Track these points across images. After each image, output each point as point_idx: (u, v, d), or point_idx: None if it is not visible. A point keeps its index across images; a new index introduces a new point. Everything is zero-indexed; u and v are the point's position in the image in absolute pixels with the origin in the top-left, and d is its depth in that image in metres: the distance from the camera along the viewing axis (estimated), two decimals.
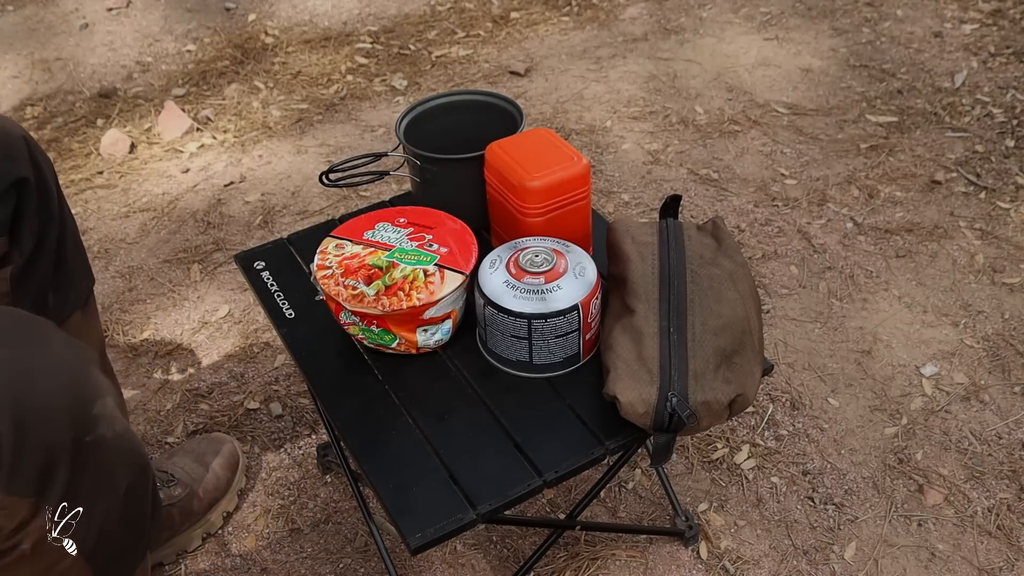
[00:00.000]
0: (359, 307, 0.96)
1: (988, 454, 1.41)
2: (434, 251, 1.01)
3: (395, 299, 0.95)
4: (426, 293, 0.96)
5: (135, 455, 0.84)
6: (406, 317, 0.97)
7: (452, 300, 0.98)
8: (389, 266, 0.99)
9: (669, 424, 0.88)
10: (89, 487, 0.77)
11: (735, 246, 1.00)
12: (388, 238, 1.03)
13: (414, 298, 0.95)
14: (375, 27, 2.69)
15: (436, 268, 0.98)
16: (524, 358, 0.97)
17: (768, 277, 1.75)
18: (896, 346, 1.60)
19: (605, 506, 1.36)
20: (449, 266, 0.99)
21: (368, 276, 0.98)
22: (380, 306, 0.95)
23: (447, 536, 0.86)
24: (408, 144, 1.16)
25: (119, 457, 0.80)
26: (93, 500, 0.78)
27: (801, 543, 1.30)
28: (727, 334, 0.91)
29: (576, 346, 0.97)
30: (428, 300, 0.96)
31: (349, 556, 1.31)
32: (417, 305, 0.95)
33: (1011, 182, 1.96)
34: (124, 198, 2.06)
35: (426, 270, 0.98)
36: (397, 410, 0.97)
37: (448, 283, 0.97)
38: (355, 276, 0.98)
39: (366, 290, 0.96)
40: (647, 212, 1.92)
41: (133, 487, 0.83)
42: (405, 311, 0.95)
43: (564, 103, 2.30)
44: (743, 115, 2.22)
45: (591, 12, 2.73)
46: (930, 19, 2.57)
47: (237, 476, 1.37)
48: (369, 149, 2.16)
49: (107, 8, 2.80)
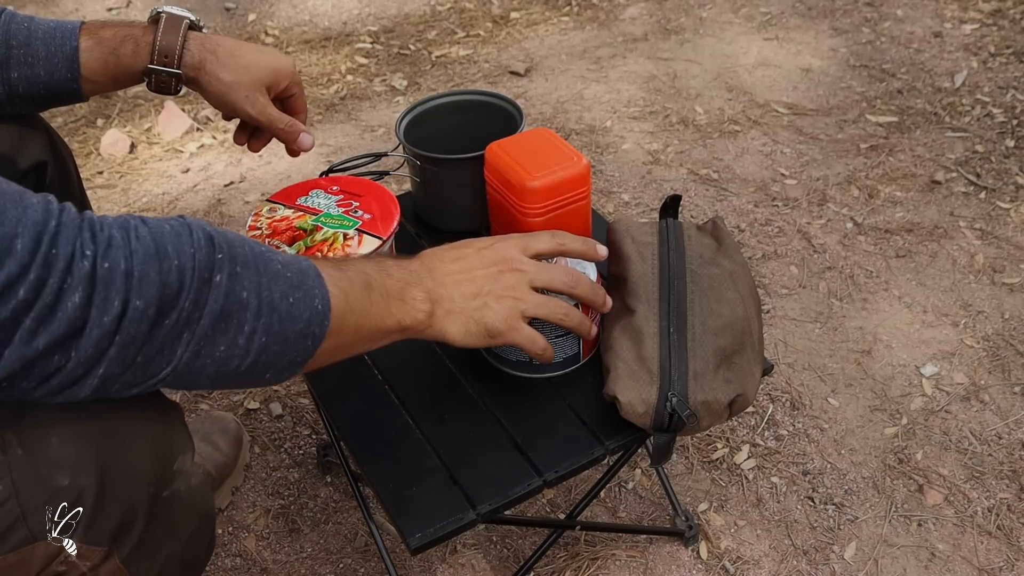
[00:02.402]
0: None
1: (988, 454, 1.41)
2: (358, 217, 1.06)
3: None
4: (342, 255, 1.01)
5: (204, 506, 0.87)
6: None
7: None
8: (313, 229, 1.05)
9: (669, 424, 0.88)
10: (158, 536, 0.79)
11: (735, 246, 1.00)
12: (318, 204, 1.09)
13: None
14: (375, 27, 2.69)
15: (356, 232, 1.04)
16: (524, 358, 0.97)
17: (768, 277, 1.75)
18: (896, 346, 1.60)
19: (605, 506, 1.36)
20: (368, 231, 1.04)
21: (292, 237, 1.04)
22: None
23: (447, 536, 0.86)
24: (408, 144, 1.16)
25: (189, 508, 0.83)
26: (159, 547, 0.80)
27: (801, 543, 1.30)
28: (727, 334, 0.91)
29: (576, 346, 0.97)
30: None
31: (349, 556, 1.31)
32: None
33: (1011, 182, 1.96)
34: (124, 198, 2.06)
35: (346, 234, 1.03)
36: (397, 410, 0.97)
37: (365, 246, 1.02)
38: (280, 237, 1.04)
39: (288, 249, 1.02)
40: (647, 212, 1.92)
41: (196, 534, 0.85)
42: None
43: (564, 103, 2.30)
44: (743, 115, 2.22)
45: (591, 12, 2.73)
46: (930, 19, 2.57)
47: (242, 452, 1.40)
48: (369, 149, 2.16)
49: (107, 8, 2.80)
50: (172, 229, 0.66)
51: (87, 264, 0.60)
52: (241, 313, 0.67)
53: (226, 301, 0.66)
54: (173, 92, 1.03)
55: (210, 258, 0.66)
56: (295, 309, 0.70)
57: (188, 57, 1.00)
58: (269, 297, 0.69)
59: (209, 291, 0.66)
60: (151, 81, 1.01)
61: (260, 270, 0.69)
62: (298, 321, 0.70)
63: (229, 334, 0.67)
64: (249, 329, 0.68)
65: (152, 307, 0.63)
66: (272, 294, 0.69)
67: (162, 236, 0.65)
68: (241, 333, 0.68)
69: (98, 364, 0.63)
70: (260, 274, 0.69)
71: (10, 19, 0.98)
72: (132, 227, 0.64)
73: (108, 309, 0.61)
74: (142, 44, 0.99)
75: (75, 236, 0.61)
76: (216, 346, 0.67)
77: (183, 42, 0.99)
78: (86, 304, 0.60)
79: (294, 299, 0.70)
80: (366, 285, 0.77)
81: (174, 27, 0.99)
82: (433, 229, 1.21)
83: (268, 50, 1.06)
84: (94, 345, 0.61)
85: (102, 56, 0.99)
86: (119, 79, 1.02)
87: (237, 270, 0.67)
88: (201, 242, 0.66)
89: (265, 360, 0.70)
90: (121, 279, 0.62)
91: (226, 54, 1.01)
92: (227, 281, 0.66)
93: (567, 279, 0.88)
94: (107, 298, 0.61)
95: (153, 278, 0.62)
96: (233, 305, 0.67)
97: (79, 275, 0.60)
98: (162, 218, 0.68)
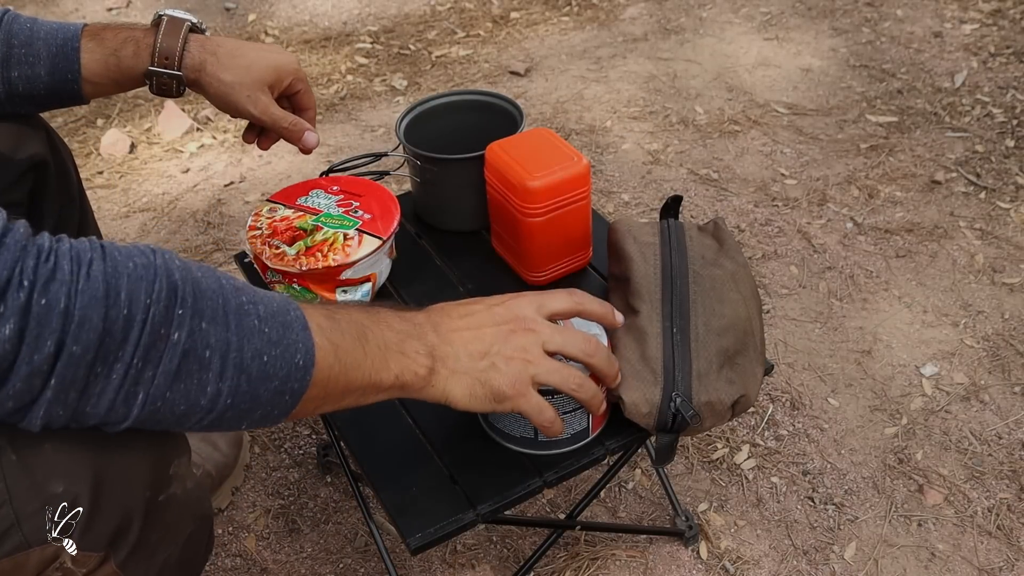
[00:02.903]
0: (280, 265, 1.02)
1: (988, 454, 1.41)
2: (358, 217, 1.06)
3: (312, 259, 1.01)
4: (342, 255, 1.01)
5: (201, 508, 0.86)
6: (324, 277, 1.02)
7: (369, 263, 1.03)
8: (313, 229, 1.05)
9: (672, 424, 0.88)
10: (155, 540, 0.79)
11: (736, 247, 1.00)
12: (318, 204, 1.09)
13: (330, 259, 1.01)
14: (375, 27, 2.69)
15: (356, 232, 1.04)
16: (528, 434, 0.90)
17: (768, 277, 1.75)
18: (896, 346, 1.60)
19: (605, 506, 1.36)
20: (368, 231, 1.04)
21: (292, 237, 1.04)
22: (298, 265, 1.01)
23: (447, 536, 0.86)
24: (408, 144, 1.16)
25: (186, 511, 0.83)
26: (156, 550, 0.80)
27: (801, 543, 1.30)
28: (730, 335, 0.91)
29: (585, 421, 0.90)
30: (344, 262, 1.01)
31: (349, 556, 1.31)
32: (333, 266, 1.01)
33: (1011, 182, 1.96)
34: (124, 198, 2.06)
35: (346, 234, 1.04)
36: (397, 410, 0.97)
37: (365, 246, 1.02)
38: (281, 237, 1.04)
39: (288, 250, 1.02)
40: (647, 212, 1.92)
41: (193, 536, 0.85)
42: (322, 271, 1.01)
43: (564, 103, 2.30)
44: (743, 115, 2.22)
45: (591, 12, 2.73)
46: (930, 19, 2.57)
47: (242, 452, 1.40)
48: (369, 149, 2.16)
49: (107, 8, 2.80)
50: (133, 270, 0.61)
51: (22, 296, 0.56)
52: (202, 373, 0.63)
53: (183, 360, 0.62)
54: (175, 94, 1.03)
55: (168, 312, 0.61)
56: (270, 368, 0.66)
57: (188, 59, 1.00)
58: (238, 358, 0.64)
59: (164, 348, 0.61)
60: (152, 84, 1.01)
61: (231, 327, 0.64)
62: (272, 379, 0.67)
63: (190, 394, 0.63)
64: (213, 390, 0.64)
65: (90, 354, 0.58)
66: (242, 354, 0.65)
67: (117, 278, 0.60)
68: (203, 394, 0.64)
69: (35, 403, 0.60)
70: (230, 331, 0.64)
71: (12, 20, 0.98)
72: (87, 260, 0.59)
73: (40, 347, 0.57)
74: (143, 46, 0.99)
75: (15, 261, 0.57)
76: (175, 404, 0.63)
77: (184, 44, 0.99)
78: (16, 338, 0.56)
79: (269, 357, 0.66)
80: (360, 336, 0.73)
81: (175, 29, 0.99)
82: (433, 229, 1.21)
83: (270, 48, 1.06)
84: (23, 381, 0.58)
85: (103, 57, 0.99)
86: (120, 81, 1.02)
87: (202, 326, 0.63)
88: (162, 293, 0.61)
89: (233, 416, 0.67)
90: (58, 319, 0.57)
91: (227, 55, 1.01)
92: (186, 339, 0.62)
93: (584, 346, 0.81)
94: (39, 336, 0.57)
95: (95, 324, 0.58)
96: (192, 365, 0.62)
97: (12, 306, 0.56)
98: (133, 249, 0.63)
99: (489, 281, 1.13)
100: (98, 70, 0.99)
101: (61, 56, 0.98)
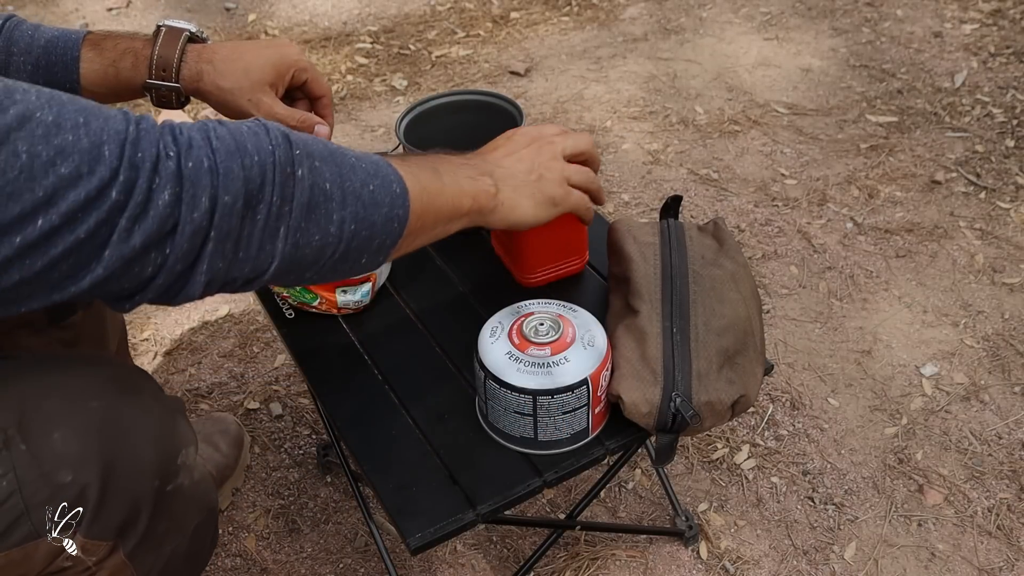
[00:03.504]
0: None
1: (988, 454, 1.41)
2: None
3: None
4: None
5: (207, 499, 0.87)
6: None
7: None
8: None
9: (672, 424, 0.88)
10: (163, 530, 0.80)
11: (736, 247, 1.00)
12: None
13: None
14: (375, 27, 2.69)
15: None
16: (528, 435, 0.90)
17: (768, 277, 1.75)
18: (896, 346, 1.60)
19: (605, 506, 1.36)
20: None
21: None
22: None
23: (447, 536, 0.86)
24: (408, 144, 1.16)
25: (193, 502, 0.84)
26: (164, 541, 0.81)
27: (801, 543, 1.30)
28: (730, 335, 0.91)
29: (585, 421, 0.90)
30: None
31: (349, 556, 1.31)
32: None
33: (1011, 182, 1.96)
34: None
35: None
36: (397, 410, 0.97)
37: None
38: None
39: None
40: (647, 212, 1.92)
41: (200, 527, 0.86)
42: None
43: (564, 103, 2.30)
44: (743, 115, 2.22)
45: (591, 12, 2.73)
46: (930, 19, 2.57)
47: (243, 453, 1.40)
48: (369, 149, 2.16)
49: (107, 8, 2.80)
50: (249, 129, 0.68)
51: (172, 164, 0.63)
52: (327, 203, 0.70)
53: (311, 193, 0.69)
54: (176, 106, 1.01)
55: (288, 154, 0.68)
56: (376, 195, 0.74)
57: (186, 70, 0.98)
58: (351, 186, 0.72)
59: (294, 184, 0.68)
60: (152, 95, 0.99)
61: (337, 163, 0.72)
62: (382, 206, 0.74)
63: (320, 223, 0.70)
64: (338, 218, 0.71)
65: (239, 201, 0.65)
66: (353, 183, 0.72)
67: (241, 135, 0.67)
68: (331, 222, 0.70)
69: (199, 260, 0.65)
70: (338, 166, 0.72)
71: (15, 26, 0.97)
72: (211, 128, 0.67)
73: (197, 205, 0.63)
74: (141, 58, 0.98)
75: (157, 139, 0.63)
76: (311, 236, 0.70)
77: (181, 55, 0.97)
78: (175, 202, 0.63)
79: (374, 186, 0.74)
80: (434, 170, 0.81)
81: (172, 40, 0.98)
82: None
83: (269, 43, 1.04)
84: (188, 240, 0.64)
85: (102, 68, 0.98)
86: (120, 92, 1.01)
87: (316, 164, 0.70)
88: (279, 139, 0.68)
89: (357, 246, 0.73)
90: (207, 176, 0.64)
91: (223, 61, 1.00)
92: (308, 174, 0.69)
93: (588, 142, 0.95)
94: (195, 195, 0.63)
95: (237, 173, 0.65)
96: (319, 196, 0.70)
97: (166, 174, 0.62)
98: (238, 120, 0.71)
99: (489, 281, 1.13)
100: (97, 80, 0.99)
101: (60, 66, 0.97)
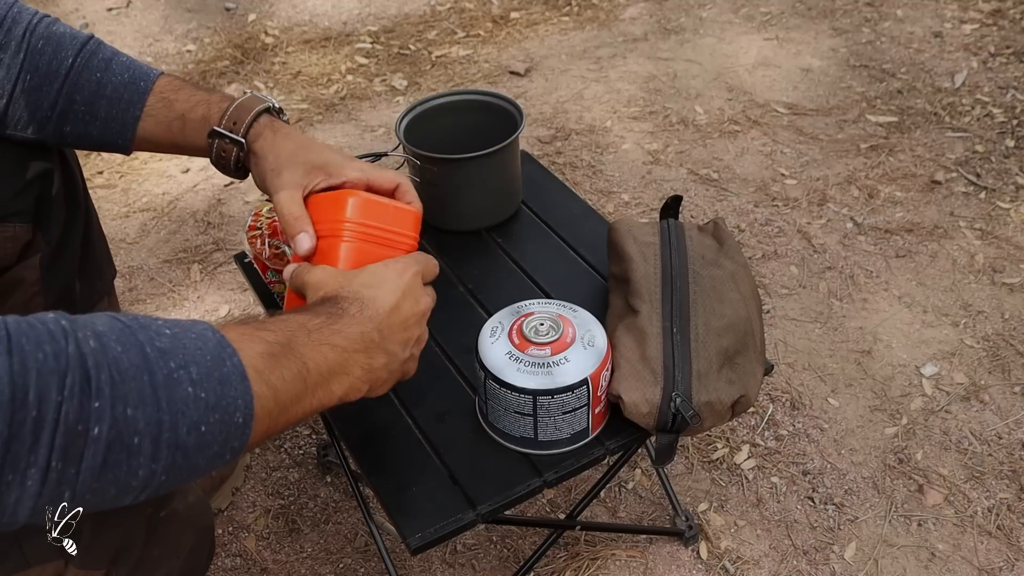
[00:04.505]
0: (280, 265, 1.02)
1: (988, 454, 1.41)
2: None
3: None
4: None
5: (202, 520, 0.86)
6: None
7: None
8: None
9: (672, 424, 0.88)
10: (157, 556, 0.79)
11: (736, 247, 1.00)
12: None
13: None
14: (375, 27, 2.69)
15: None
16: (528, 435, 0.90)
17: (768, 277, 1.75)
18: (896, 346, 1.60)
19: (605, 506, 1.36)
20: None
21: None
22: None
23: (447, 536, 0.86)
24: (408, 144, 1.16)
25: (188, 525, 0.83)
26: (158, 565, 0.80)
27: (801, 543, 1.30)
28: (730, 335, 0.91)
29: (585, 421, 0.90)
30: None
31: (349, 556, 1.31)
32: None
33: (1011, 182, 1.96)
34: (124, 198, 2.06)
35: None
36: (397, 410, 0.97)
37: None
38: (281, 237, 1.04)
39: (287, 250, 1.02)
40: (647, 212, 1.92)
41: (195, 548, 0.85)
42: None
43: (564, 103, 2.30)
44: (743, 115, 2.22)
45: (591, 12, 2.73)
46: (930, 19, 2.57)
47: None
48: (369, 149, 2.16)
49: (107, 8, 2.80)
50: (43, 362, 0.54)
51: None
52: (132, 460, 0.58)
53: (108, 453, 0.56)
54: (232, 167, 0.95)
55: (83, 408, 0.54)
56: (208, 436, 0.61)
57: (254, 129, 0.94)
58: (172, 437, 0.59)
59: (85, 444, 0.55)
60: (212, 148, 0.94)
61: (161, 405, 0.58)
62: (212, 446, 0.62)
63: (119, 481, 0.58)
64: (145, 473, 0.59)
65: None
66: (177, 431, 0.59)
67: (25, 375, 0.53)
68: (135, 477, 0.58)
69: None
70: (161, 410, 0.58)
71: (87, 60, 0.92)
72: None
73: None
74: (214, 108, 0.94)
75: None
76: (105, 492, 0.58)
77: (255, 116, 0.93)
78: None
79: (207, 426, 0.61)
80: (301, 371, 0.70)
81: (251, 102, 0.94)
82: (433, 229, 1.21)
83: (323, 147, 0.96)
84: None
85: (167, 121, 0.94)
86: (180, 144, 0.96)
87: (127, 413, 0.57)
88: (75, 388, 0.54)
89: (170, 483, 0.62)
90: None
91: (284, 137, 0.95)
92: (108, 431, 0.56)
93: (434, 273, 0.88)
94: None
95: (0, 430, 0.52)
96: (119, 455, 0.57)
97: None
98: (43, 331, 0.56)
99: (489, 281, 1.13)
100: (158, 132, 0.94)
101: (118, 122, 0.93)
